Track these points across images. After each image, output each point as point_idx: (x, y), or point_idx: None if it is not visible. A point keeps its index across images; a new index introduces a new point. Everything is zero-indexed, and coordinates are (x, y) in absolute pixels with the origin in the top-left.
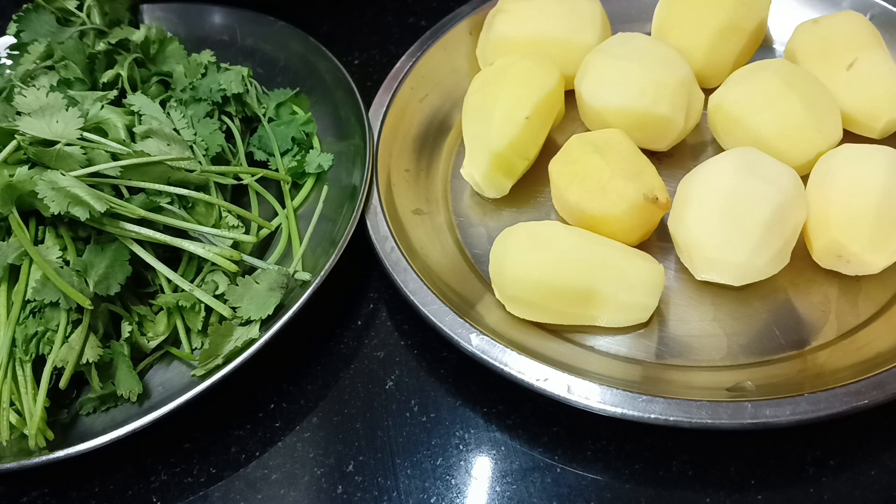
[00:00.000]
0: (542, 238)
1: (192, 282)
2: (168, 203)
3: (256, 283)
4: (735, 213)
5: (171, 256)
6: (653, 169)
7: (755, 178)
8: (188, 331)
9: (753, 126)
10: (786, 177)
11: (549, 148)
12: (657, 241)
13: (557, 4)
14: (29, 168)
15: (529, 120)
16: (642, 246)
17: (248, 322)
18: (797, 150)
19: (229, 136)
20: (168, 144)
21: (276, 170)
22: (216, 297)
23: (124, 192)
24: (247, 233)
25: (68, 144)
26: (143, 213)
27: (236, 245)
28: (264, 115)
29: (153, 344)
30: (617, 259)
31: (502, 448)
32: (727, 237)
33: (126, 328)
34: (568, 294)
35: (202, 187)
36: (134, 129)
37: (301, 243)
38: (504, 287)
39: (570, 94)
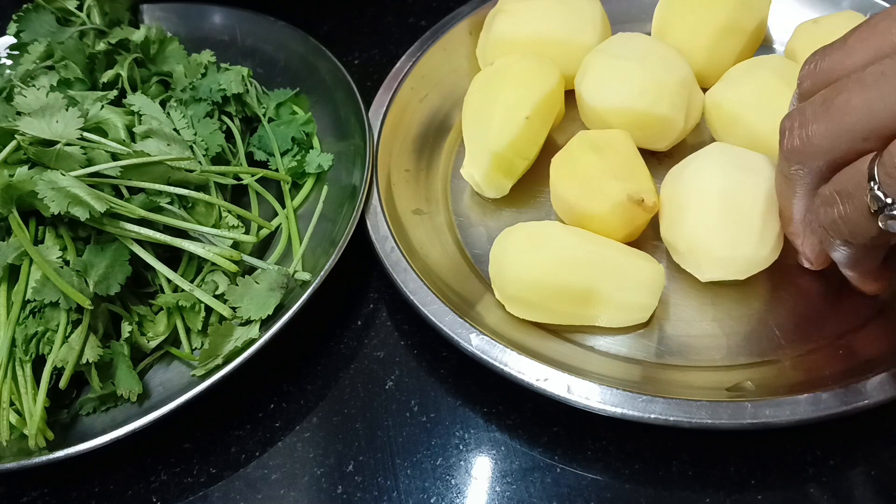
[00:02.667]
0: (541, 238)
1: (192, 282)
2: (168, 203)
3: (256, 283)
4: (735, 210)
5: (171, 256)
6: (647, 172)
7: (741, 171)
8: (188, 331)
9: (751, 123)
10: (766, 164)
11: (549, 148)
12: (657, 241)
13: (557, 5)
14: (29, 168)
15: (529, 120)
16: (642, 246)
17: (248, 322)
18: None
19: (229, 136)
20: (168, 144)
21: (276, 170)
22: (216, 297)
23: (124, 192)
24: (247, 233)
25: (68, 144)
26: (143, 213)
27: (236, 245)
28: (264, 115)
29: (153, 344)
30: (617, 259)
31: (502, 448)
32: (733, 234)
33: (126, 328)
34: (568, 294)
35: (202, 187)
36: (134, 129)
37: (301, 243)
38: (504, 287)
39: (570, 94)
